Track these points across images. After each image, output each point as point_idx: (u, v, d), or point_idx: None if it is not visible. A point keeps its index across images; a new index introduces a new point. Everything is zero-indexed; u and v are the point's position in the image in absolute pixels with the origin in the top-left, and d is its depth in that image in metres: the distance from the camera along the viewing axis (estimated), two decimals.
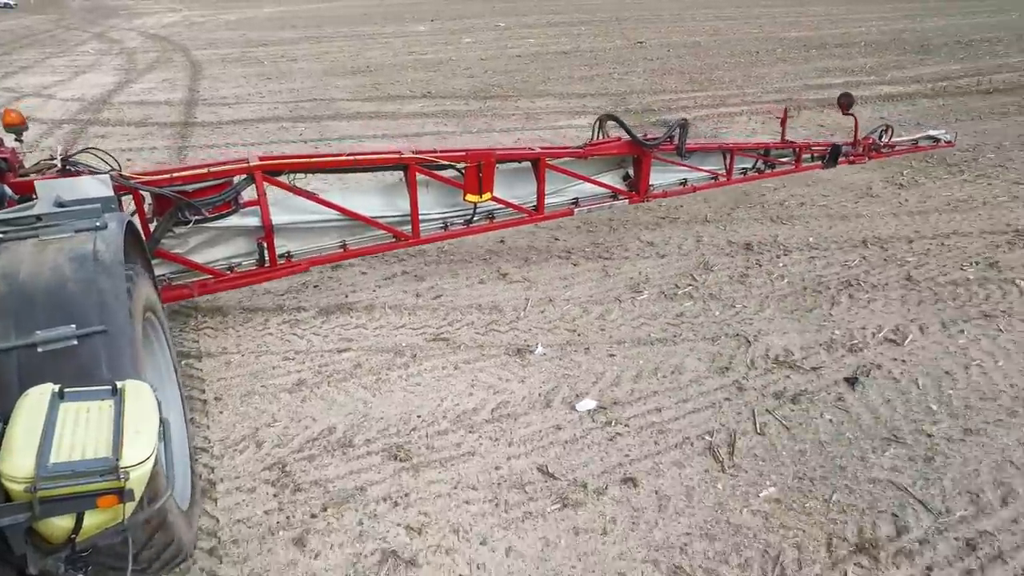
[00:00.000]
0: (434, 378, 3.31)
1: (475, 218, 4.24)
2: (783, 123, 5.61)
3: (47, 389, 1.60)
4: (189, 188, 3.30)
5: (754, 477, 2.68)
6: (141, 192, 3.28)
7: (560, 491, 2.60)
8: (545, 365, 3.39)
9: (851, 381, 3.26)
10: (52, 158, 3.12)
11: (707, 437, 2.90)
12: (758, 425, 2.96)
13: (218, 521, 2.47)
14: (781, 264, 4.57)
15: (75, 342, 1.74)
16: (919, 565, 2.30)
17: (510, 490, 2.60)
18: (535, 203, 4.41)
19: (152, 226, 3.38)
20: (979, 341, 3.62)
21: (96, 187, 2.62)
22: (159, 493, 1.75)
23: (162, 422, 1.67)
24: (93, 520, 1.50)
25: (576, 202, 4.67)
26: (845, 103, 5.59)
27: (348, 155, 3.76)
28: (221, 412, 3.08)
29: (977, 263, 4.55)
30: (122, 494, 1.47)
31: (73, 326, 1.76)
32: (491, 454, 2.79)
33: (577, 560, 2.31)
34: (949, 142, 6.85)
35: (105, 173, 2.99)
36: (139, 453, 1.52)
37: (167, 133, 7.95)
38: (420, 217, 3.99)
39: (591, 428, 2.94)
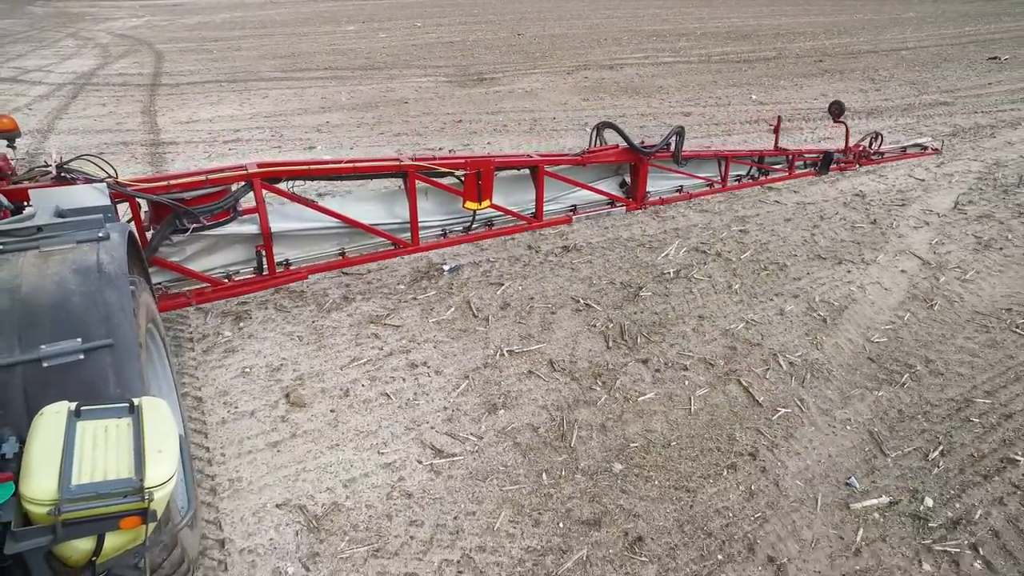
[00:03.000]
0: None
1: (474, 225, 4.40)
2: (776, 131, 5.95)
3: (63, 407, 1.64)
4: (187, 196, 3.38)
5: None
6: (138, 200, 3.32)
7: None
8: None
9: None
10: (46, 165, 3.11)
11: None
12: None
13: None
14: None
15: (81, 356, 1.79)
16: None
17: None
18: (534, 210, 4.63)
19: (149, 234, 3.43)
20: None
21: (92, 195, 2.67)
22: (178, 513, 1.86)
23: (180, 439, 1.71)
24: (114, 541, 1.56)
25: (574, 209, 4.91)
26: (836, 111, 5.82)
27: (348, 162, 3.84)
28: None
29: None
30: (146, 515, 1.54)
31: (79, 340, 1.80)
32: None
33: None
34: (936, 149, 7.40)
35: (101, 181, 3.04)
36: (162, 473, 1.59)
37: (142, 89, 12.36)
38: (419, 224, 4.12)
39: None
